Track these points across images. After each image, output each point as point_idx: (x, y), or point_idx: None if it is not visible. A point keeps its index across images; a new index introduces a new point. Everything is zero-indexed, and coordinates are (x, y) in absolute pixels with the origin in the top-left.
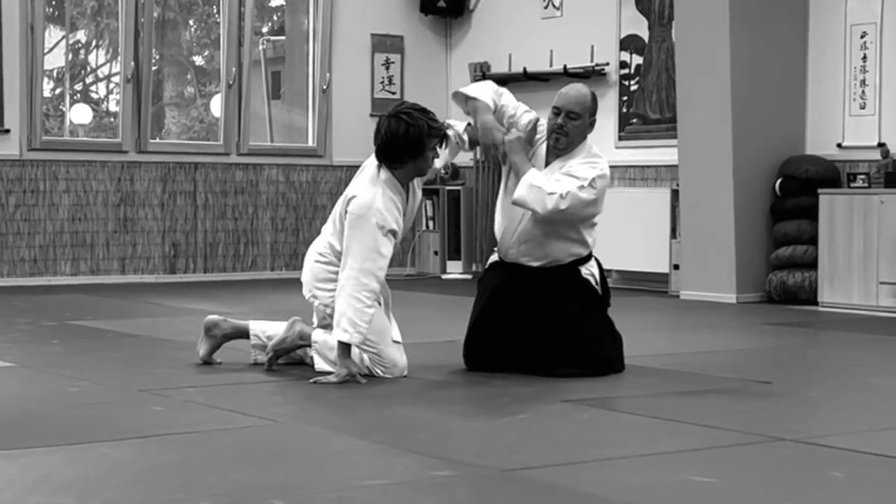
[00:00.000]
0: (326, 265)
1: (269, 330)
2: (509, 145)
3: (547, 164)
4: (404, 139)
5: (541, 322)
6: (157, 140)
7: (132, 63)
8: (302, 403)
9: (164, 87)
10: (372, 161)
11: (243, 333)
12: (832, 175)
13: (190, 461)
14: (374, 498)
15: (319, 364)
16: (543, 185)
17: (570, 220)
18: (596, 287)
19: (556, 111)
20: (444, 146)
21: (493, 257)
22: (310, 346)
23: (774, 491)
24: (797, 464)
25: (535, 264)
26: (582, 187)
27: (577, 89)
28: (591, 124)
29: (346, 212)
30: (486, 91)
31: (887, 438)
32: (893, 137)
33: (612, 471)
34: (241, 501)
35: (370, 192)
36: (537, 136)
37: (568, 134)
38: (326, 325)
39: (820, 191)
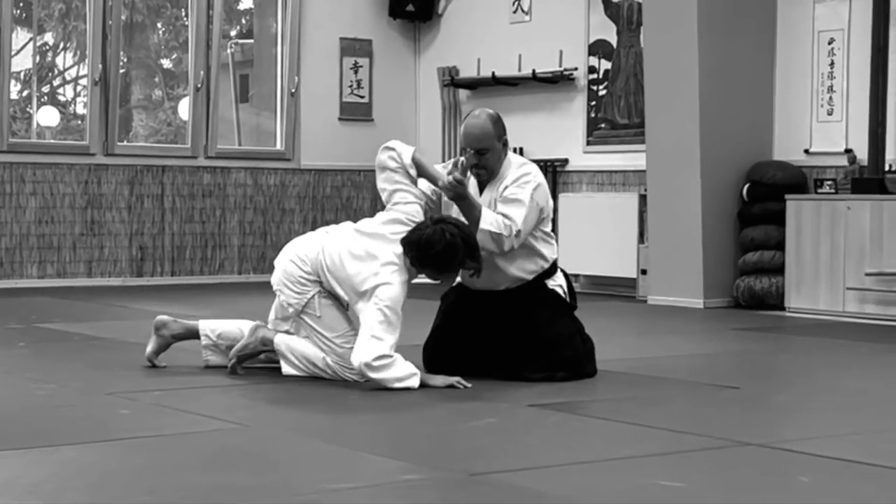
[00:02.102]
0: (301, 267)
1: (218, 328)
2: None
3: (482, 193)
4: (435, 253)
5: (507, 327)
6: (125, 143)
7: (100, 66)
8: (269, 407)
9: (131, 90)
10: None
11: (193, 334)
12: (799, 181)
13: (157, 464)
14: (342, 501)
15: (286, 369)
16: (495, 228)
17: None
18: (563, 297)
19: (464, 149)
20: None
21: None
22: (273, 350)
23: (740, 495)
24: (763, 468)
25: (501, 288)
26: (525, 214)
27: (477, 126)
28: (504, 144)
29: (372, 289)
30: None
31: (853, 443)
32: (860, 144)
33: (578, 475)
34: None
35: (399, 285)
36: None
37: (486, 167)
38: (287, 319)
39: (787, 196)
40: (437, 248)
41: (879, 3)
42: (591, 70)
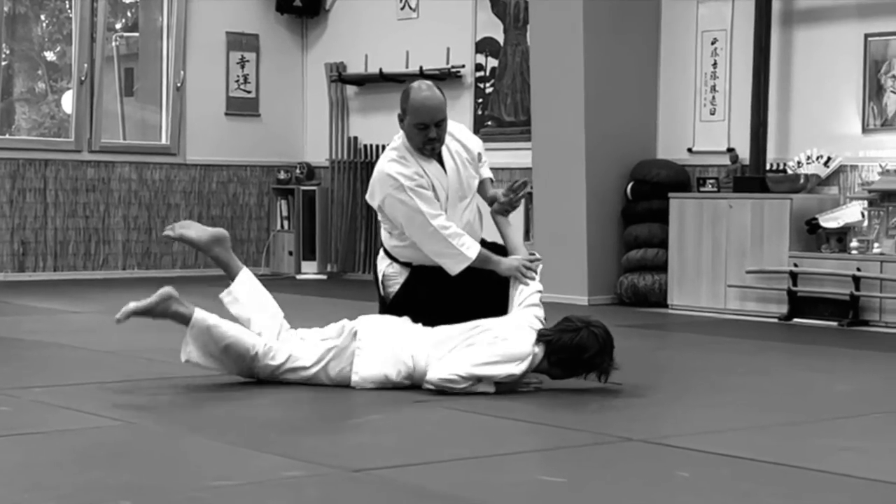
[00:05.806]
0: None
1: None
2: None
3: (443, 164)
4: (588, 357)
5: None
6: (7, 136)
7: None
8: (153, 404)
9: (14, 83)
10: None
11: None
12: (682, 179)
13: (36, 461)
14: (224, 498)
15: (191, 355)
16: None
17: None
18: None
19: (424, 126)
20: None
21: (399, 274)
22: (187, 323)
23: (622, 490)
24: (644, 464)
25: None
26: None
27: (435, 98)
28: None
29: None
30: None
31: (732, 439)
32: (742, 143)
33: (462, 470)
34: (88, 502)
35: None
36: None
37: (440, 138)
38: None
39: (670, 195)
40: (591, 351)
41: (762, 4)
42: (478, 67)
